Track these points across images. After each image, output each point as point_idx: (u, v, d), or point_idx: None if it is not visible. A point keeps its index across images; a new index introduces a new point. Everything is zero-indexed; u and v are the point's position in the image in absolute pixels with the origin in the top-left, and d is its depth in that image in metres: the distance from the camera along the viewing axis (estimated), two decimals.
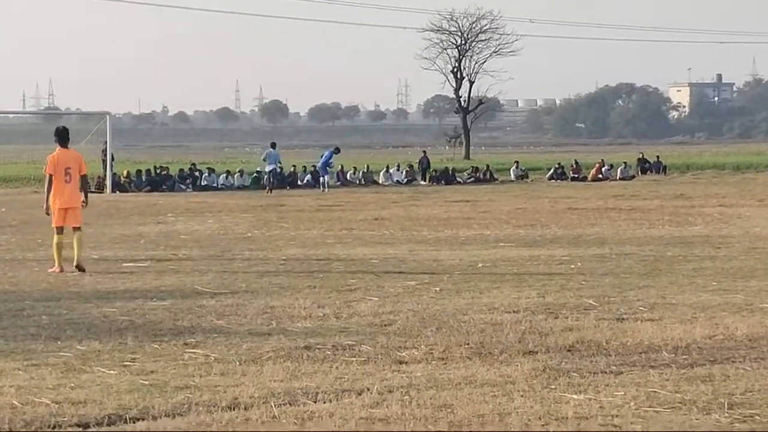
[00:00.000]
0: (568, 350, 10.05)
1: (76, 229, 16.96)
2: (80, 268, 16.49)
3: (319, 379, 8.88)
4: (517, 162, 58.96)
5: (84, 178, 17.40)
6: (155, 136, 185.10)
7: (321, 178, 47.38)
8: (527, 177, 55.90)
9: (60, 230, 16.96)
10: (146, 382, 8.75)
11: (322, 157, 48.13)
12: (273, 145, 47.67)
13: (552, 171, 56.64)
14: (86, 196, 17.48)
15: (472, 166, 58.14)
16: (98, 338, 10.79)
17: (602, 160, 59.59)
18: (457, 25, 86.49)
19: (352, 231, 24.56)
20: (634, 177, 56.28)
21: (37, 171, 54.72)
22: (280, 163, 47.96)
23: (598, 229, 24.52)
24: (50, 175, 17.07)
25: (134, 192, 45.15)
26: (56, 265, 16.67)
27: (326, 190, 45.76)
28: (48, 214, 17.27)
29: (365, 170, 53.77)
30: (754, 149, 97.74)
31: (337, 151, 48.42)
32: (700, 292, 13.92)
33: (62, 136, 17.27)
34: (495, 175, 55.51)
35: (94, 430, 7.53)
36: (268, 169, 46.66)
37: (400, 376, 8.96)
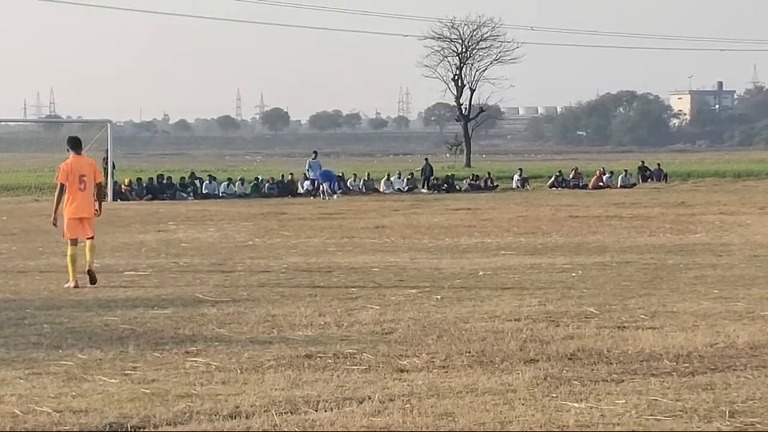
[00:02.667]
0: (569, 358, 10.05)
1: (90, 238, 16.24)
2: (91, 275, 15.91)
3: (321, 387, 8.89)
4: (520, 169, 58.96)
5: (99, 187, 16.71)
6: (156, 144, 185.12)
7: (321, 186, 47.62)
8: (528, 184, 55.91)
9: (74, 242, 16.18)
10: (147, 391, 8.76)
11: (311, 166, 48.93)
12: (315, 154, 50.15)
13: (553, 179, 56.67)
14: (100, 206, 16.69)
15: (473, 174, 58.16)
16: (99, 347, 10.80)
17: (602, 168, 59.61)
18: (458, 33, 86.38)
19: (353, 239, 24.57)
20: (634, 185, 56.31)
21: (38, 179, 54.82)
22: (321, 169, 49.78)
23: (599, 237, 24.53)
24: (62, 184, 16.29)
25: (135, 200, 45.16)
26: (71, 279, 15.90)
27: (327, 198, 45.96)
28: (55, 225, 16.48)
29: (366, 178, 53.81)
30: (755, 157, 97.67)
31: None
32: (701, 300, 13.92)
33: (75, 143, 16.56)
34: (495, 183, 55.53)
35: None
36: (311, 177, 48.91)
37: (401, 385, 8.96)
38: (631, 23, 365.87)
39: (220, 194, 48.43)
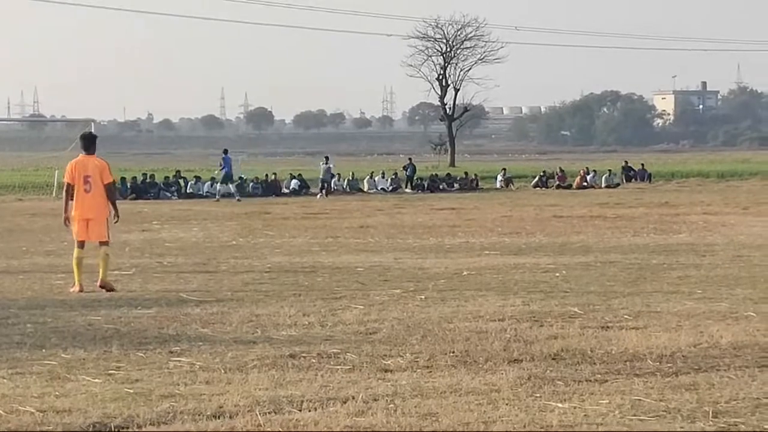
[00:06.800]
0: (553, 358, 10.06)
1: (103, 243, 15.63)
2: (107, 287, 15.25)
3: (304, 387, 8.88)
4: (504, 169, 59.07)
5: (109, 188, 15.83)
6: (140, 144, 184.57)
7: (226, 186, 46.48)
8: (512, 183, 56.00)
9: (81, 245, 15.57)
10: (131, 391, 8.74)
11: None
12: (327, 159, 50.95)
13: (537, 179, 56.72)
14: (116, 209, 15.90)
15: (447, 174, 58.27)
16: (83, 346, 10.77)
17: (586, 167, 59.72)
18: (442, 33, 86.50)
19: (337, 239, 24.56)
20: (618, 185, 56.42)
21: (22, 179, 54.77)
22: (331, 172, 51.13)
23: (582, 237, 24.56)
24: (68, 184, 15.64)
25: (119, 199, 44.94)
26: (76, 283, 15.34)
27: (238, 199, 44.74)
28: (67, 225, 15.88)
29: (350, 178, 53.79)
30: (739, 157, 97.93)
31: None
32: (685, 300, 13.95)
33: (85, 141, 15.85)
34: (480, 183, 55.60)
35: None
36: (321, 177, 49.74)
37: (385, 385, 8.96)
38: (616, 23, 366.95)
39: (205, 194, 48.34)
